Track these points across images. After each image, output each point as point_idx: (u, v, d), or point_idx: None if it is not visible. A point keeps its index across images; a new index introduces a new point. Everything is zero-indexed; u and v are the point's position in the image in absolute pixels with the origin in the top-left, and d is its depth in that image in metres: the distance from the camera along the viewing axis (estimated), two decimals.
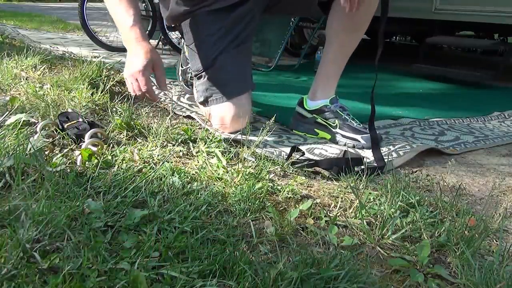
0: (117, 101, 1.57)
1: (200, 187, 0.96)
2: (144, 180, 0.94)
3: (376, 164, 1.20)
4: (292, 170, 1.14)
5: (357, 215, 0.91)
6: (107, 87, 1.65)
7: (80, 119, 1.23)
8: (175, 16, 1.50)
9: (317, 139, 1.44)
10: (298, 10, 1.78)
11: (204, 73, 1.44)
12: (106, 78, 1.88)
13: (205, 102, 1.46)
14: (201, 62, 1.44)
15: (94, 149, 1.08)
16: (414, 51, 3.29)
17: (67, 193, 0.84)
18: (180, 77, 1.92)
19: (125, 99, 1.60)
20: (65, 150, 1.10)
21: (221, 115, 1.41)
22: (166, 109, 1.66)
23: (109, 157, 1.07)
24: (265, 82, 2.40)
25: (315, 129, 1.46)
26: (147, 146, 1.20)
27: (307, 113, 1.47)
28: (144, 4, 3.47)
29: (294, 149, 1.20)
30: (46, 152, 1.06)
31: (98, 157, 1.03)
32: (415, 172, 1.23)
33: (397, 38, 5.35)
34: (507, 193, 1.13)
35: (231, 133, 1.41)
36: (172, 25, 1.61)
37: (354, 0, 1.21)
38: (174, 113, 1.60)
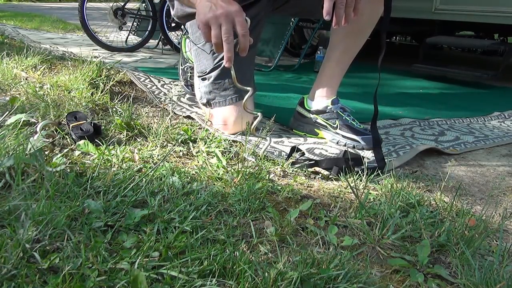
0: (117, 101, 1.57)
1: (200, 187, 0.96)
2: (144, 180, 0.94)
3: (376, 164, 1.20)
4: (292, 170, 1.14)
5: (357, 215, 0.91)
6: (107, 87, 1.65)
7: (87, 120, 1.23)
8: (180, 16, 1.49)
9: (317, 139, 1.44)
10: (302, 12, 1.78)
11: (208, 75, 1.44)
12: (106, 78, 1.88)
13: (207, 104, 1.46)
14: (206, 64, 1.44)
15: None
16: (414, 51, 3.29)
17: (67, 193, 0.84)
18: (181, 77, 1.92)
19: (125, 99, 1.60)
20: (65, 150, 1.10)
21: (224, 117, 1.41)
22: (166, 109, 1.66)
23: (109, 157, 1.07)
24: (265, 82, 2.40)
25: (315, 129, 1.46)
26: (147, 146, 1.20)
27: (308, 113, 1.47)
28: (144, 4, 3.48)
29: (294, 149, 1.20)
30: (46, 152, 1.06)
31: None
32: (415, 172, 1.23)
33: (397, 38, 5.35)
34: (507, 193, 1.13)
35: (231, 134, 1.41)
36: (174, 25, 1.60)
37: (339, 15, 1.03)
38: (174, 113, 1.60)
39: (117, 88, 1.90)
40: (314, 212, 0.93)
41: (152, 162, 1.10)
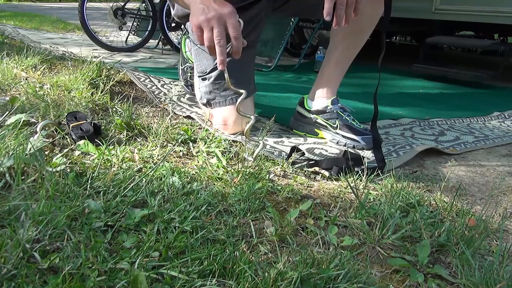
0: (117, 101, 1.57)
1: (200, 187, 0.96)
2: (144, 180, 0.94)
3: (376, 164, 1.20)
4: (292, 170, 1.14)
5: (357, 215, 0.91)
6: (107, 87, 1.65)
7: (87, 120, 1.23)
8: (181, 16, 1.49)
9: (317, 139, 1.44)
10: (302, 12, 1.77)
11: (208, 75, 1.44)
12: (106, 78, 1.88)
13: (207, 104, 1.46)
14: (206, 64, 1.44)
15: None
16: (414, 51, 3.29)
17: (67, 193, 0.84)
18: (181, 77, 1.92)
19: (125, 99, 1.60)
20: (65, 150, 1.10)
21: (224, 117, 1.41)
22: (166, 109, 1.66)
23: (109, 157, 1.07)
24: (265, 82, 2.40)
25: (315, 129, 1.46)
26: (147, 146, 1.20)
27: (308, 113, 1.47)
28: (144, 4, 3.48)
29: (294, 149, 1.20)
30: (46, 152, 1.06)
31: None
32: (415, 172, 1.23)
33: (397, 38, 5.35)
34: (507, 193, 1.13)
35: (231, 134, 1.41)
36: (174, 25, 1.59)
37: (340, 16, 1.04)
38: (174, 113, 1.60)
39: (117, 88, 1.90)
40: (314, 212, 0.93)
41: (152, 162, 1.10)
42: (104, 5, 3.61)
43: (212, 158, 1.16)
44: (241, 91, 1.12)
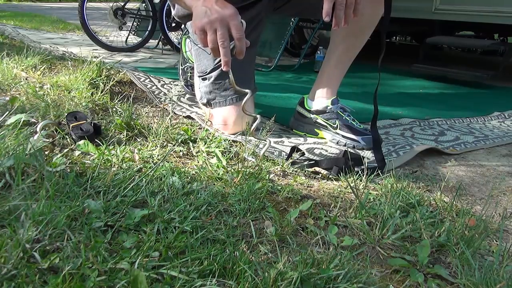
0: (117, 101, 1.57)
1: (200, 187, 0.96)
2: (144, 180, 0.94)
3: (376, 164, 1.20)
4: (292, 170, 1.14)
5: (357, 215, 0.91)
6: (107, 87, 1.65)
7: (87, 120, 1.23)
8: (181, 16, 1.49)
9: (317, 139, 1.44)
10: (303, 12, 1.77)
11: (208, 75, 1.44)
12: (106, 78, 1.88)
13: (207, 104, 1.46)
14: (206, 64, 1.44)
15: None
16: (414, 51, 3.29)
17: (67, 193, 0.84)
18: (181, 77, 1.92)
19: (125, 99, 1.60)
20: (65, 150, 1.10)
21: (224, 117, 1.41)
22: (166, 109, 1.66)
23: (109, 157, 1.07)
24: (265, 82, 2.40)
25: (315, 129, 1.46)
26: (147, 146, 1.20)
27: (308, 113, 1.47)
28: (144, 4, 3.48)
29: (294, 149, 1.20)
30: (46, 152, 1.06)
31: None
32: (415, 172, 1.23)
33: (397, 38, 5.35)
34: (507, 193, 1.13)
35: (231, 134, 1.41)
36: (174, 25, 1.59)
37: (339, 16, 1.03)
38: (174, 113, 1.60)
39: (117, 88, 1.90)
40: (314, 212, 0.93)
41: (152, 162, 1.10)
42: (104, 5, 3.61)
43: (212, 158, 1.16)
44: (246, 90, 1.13)
